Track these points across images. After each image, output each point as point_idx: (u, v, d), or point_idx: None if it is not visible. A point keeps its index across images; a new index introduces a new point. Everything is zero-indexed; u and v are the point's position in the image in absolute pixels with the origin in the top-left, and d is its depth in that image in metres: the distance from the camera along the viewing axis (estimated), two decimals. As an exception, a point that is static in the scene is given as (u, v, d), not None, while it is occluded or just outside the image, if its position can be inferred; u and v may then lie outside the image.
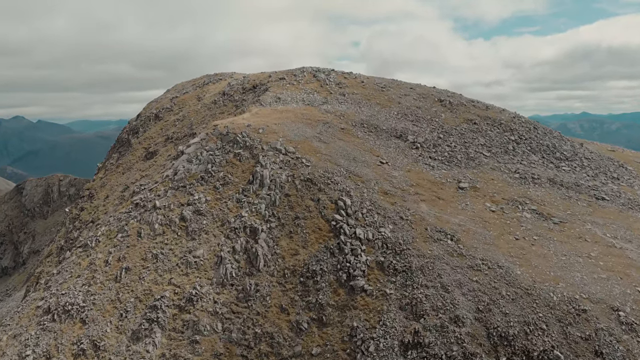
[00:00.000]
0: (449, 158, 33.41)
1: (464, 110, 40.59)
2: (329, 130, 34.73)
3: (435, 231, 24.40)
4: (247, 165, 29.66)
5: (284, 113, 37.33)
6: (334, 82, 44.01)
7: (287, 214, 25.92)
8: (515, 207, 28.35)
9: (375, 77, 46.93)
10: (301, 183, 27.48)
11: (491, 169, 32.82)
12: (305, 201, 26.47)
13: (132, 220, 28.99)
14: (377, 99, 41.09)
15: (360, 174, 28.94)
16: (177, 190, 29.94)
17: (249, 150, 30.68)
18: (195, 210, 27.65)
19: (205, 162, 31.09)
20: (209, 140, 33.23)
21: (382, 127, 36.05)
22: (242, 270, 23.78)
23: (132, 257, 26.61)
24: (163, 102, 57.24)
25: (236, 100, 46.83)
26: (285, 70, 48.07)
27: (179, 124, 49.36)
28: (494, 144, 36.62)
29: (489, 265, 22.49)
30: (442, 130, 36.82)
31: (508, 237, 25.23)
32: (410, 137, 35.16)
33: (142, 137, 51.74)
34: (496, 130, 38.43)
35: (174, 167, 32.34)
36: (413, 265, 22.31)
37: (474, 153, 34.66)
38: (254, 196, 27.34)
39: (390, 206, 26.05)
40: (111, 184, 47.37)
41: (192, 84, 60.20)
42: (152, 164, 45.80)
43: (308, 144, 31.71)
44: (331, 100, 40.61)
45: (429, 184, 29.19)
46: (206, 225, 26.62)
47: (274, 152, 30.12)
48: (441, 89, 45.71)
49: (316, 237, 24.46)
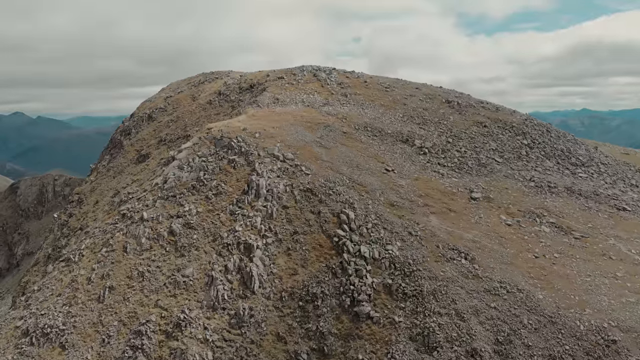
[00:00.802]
0: (459, 165, 31.19)
1: (473, 112, 38.34)
2: (331, 134, 32.50)
3: (448, 249, 22.24)
4: (242, 173, 27.46)
5: (283, 115, 35.08)
6: (335, 81, 41.71)
7: (284, 228, 23.75)
8: (533, 220, 26.18)
9: (379, 77, 44.63)
10: (300, 193, 25.30)
11: (504, 177, 30.61)
12: (304, 214, 24.30)
13: (118, 233, 26.82)
14: (381, 100, 38.82)
15: (365, 183, 26.74)
16: (166, 200, 27.75)
17: (245, 156, 28.47)
18: (185, 223, 25.47)
19: (197, 169, 28.89)
20: (202, 145, 31.01)
21: (387, 131, 33.81)
22: (235, 292, 21.63)
23: (116, 274, 24.46)
24: (157, 102, 54.92)
25: (232, 101, 44.55)
26: (284, 69, 45.74)
27: (173, 125, 47.09)
28: (506, 148, 34.40)
29: (508, 289, 20.35)
30: (450, 134, 34.58)
31: (527, 255, 23.08)
32: (417, 142, 32.92)
33: (135, 139, 49.48)
34: (508, 134, 36.19)
35: (164, 174, 30.14)
36: (424, 288, 20.16)
37: (486, 159, 32.44)
38: (249, 208, 25.16)
39: (397, 220, 23.87)
40: (101, 189, 45.15)
41: (187, 83, 57.81)
42: (144, 167, 43.59)
43: (308, 150, 29.49)
44: (332, 101, 38.35)
45: (439, 194, 27.00)
46: (197, 240, 24.45)
47: (271, 158, 27.92)
48: (448, 89, 43.42)
49: (317, 255, 22.30)
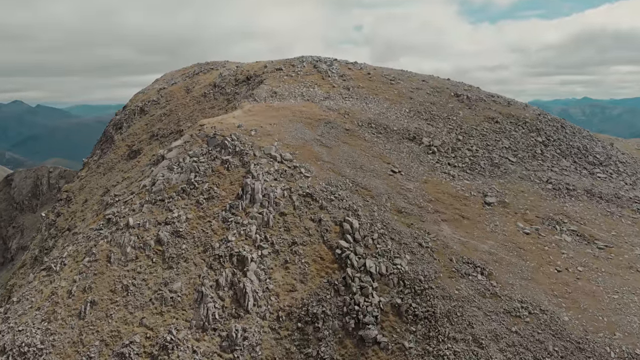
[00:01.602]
0: (470, 165, 28.97)
1: (483, 107, 36.00)
2: (332, 131, 30.23)
3: (462, 262, 20.16)
4: (237, 176, 25.27)
5: (281, 110, 32.76)
6: (336, 73, 39.27)
7: (282, 238, 21.64)
8: (552, 228, 24.07)
9: (383, 68, 42.16)
10: (299, 199, 23.14)
11: (519, 178, 28.42)
12: (304, 222, 22.17)
13: (102, 240, 24.72)
14: (386, 94, 36.45)
15: (369, 187, 24.57)
16: (154, 204, 25.59)
17: (239, 156, 26.25)
18: (174, 231, 23.35)
19: (187, 170, 26.69)
20: (194, 144, 28.77)
21: (393, 128, 31.52)
22: (227, 310, 19.60)
23: (99, 287, 22.42)
24: (150, 94, 52.47)
25: (228, 94, 42.16)
26: (282, 60, 43.24)
27: (165, 119, 44.76)
28: (520, 146, 32.14)
29: (530, 310, 18.31)
30: (460, 131, 32.30)
31: (548, 268, 21.01)
32: (425, 140, 30.65)
33: (126, 134, 47.19)
34: (521, 131, 33.91)
35: (153, 175, 27.95)
36: (437, 310, 18.11)
37: (499, 158, 30.21)
38: (243, 214, 23.02)
39: (406, 229, 21.74)
40: (90, 187, 43.01)
41: (181, 74, 55.29)
42: (135, 164, 41.42)
43: (308, 149, 27.27)
44: (334, 95, 35.97)
45: (450, 199, 24.84)
46: (186, 250, 22.35)
47: (267, 159, 25.71)
48: (456, 82, 40.99)
49: (317, 269, 20.23)
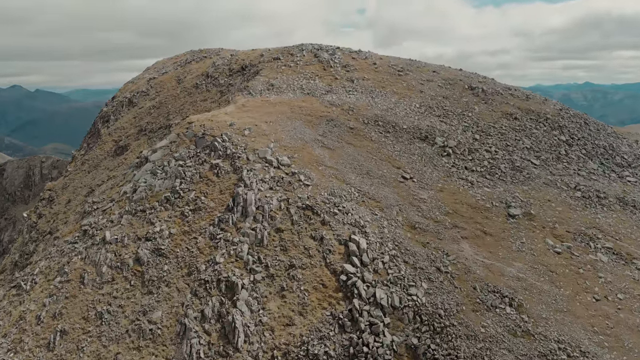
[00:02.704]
0: (489, 169, 25.95)
1: (500, 101, 32.82)
2: (335, 130, 27.14)
3: (488, 291, 17.33)
4: (227, 183, 22.29)
5: (278, 106, 29.61)
6: (339, 63, 35.96)
7: (278, 259, 18.77)
8: (586, 245, 21.19)
9: (390, 57, 38.78)
10: (298, 212, 20.20)
11: (545, 185, 25.43)
12: (303, 240, 19.27)
13: (76, 257, 21.89)
14: (394, 87, 33.22)
15: (378, 197, 21.62)
16: (134, 215, 22.69)
17: (230, 160, 23.24)
18: (155, 248, 20.49)
19: (172, 176, 23.71)
20: (180, 144, 25.73)
21: (402, 126, 28.40)
22: (213, 348, 16.84)
23: (70, 314, 19.66)
24: (139, 84, 49.12)
25: (221, 85, 38.89)
26: (280, 48, 39.83)
27: (155, 112, 41.55)
28: (542, 147, 29.08)
29: (569, 352, 15.55)
30: (477, 129, 29.19)
31: (585, 296, 18.20)
32: (438, 140, 27.56)
33: (113, 127, 44.02)
34: (542, 128, 30.80)
35: (135, 179, 24.99)
36: (461, 353, 15.34)
37: (520, 161, 27.18)
38: (233, 230, 20.11)
39: (421, 249, 18.86)
40: (74, 185, 40.04)
41: (173, 62, 51.85)
42: (122, 161, 38.39)
43: (308, 152, 24.24)
44: (337, 88, 32.74)
45: (470, 211, 21.91)
46: (168, 272, 19.51)
47: (262, 164, 22.70)
48: (470, 72, 37.70)
49: (318, 299, 17.41)
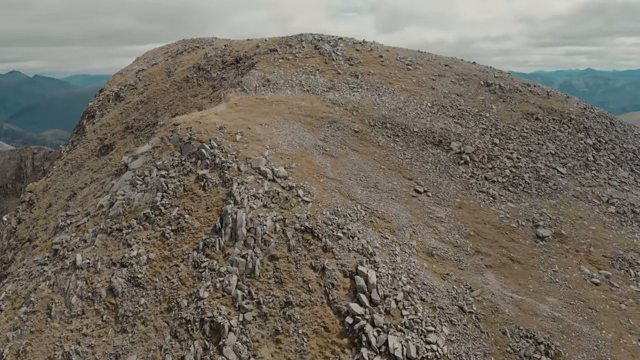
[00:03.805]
0: (512, 179, 23.07)
1: (520, 99, 29.79)
2: (338, 134, 24.20)
3: (520, 336, 14.62)
4: (215, 199, 19.45)
5: (274, 105, 26.60)
6: (342, 56, 32.79)
7: (272, 294, 16.02)
8: (626, 273, 18.43)
9: (398, 49, 35.57)
10: (296, 235, 17.40)
11: (574, 198, 22.57)
12: (302, 270, 16.51)
13: (44, 283, 19.18)
14: (403, 82, 30.13)
15: (388, 216, 18.78)
16: (109, 235, 19.90)
17: (219, 171, 20.37)
18: (132, 277, 17.74)
19: (154, 188, 20.85)
20: (164, 150, 22.82)
21: (413, 128, 25.43)
22: (195, 405, 14.23)
23: (35, 352, 16.99)
24: (127, 76, 45.90)
25: (213, 79, 35.77)
26: (277, 39, 36.60)
27: (142, 108, 38.49)
28: (568, 152, 26.16)
29: (623, 417, 12.90)
30: (496, 132, 26.23)
31: (630, 339, 15.51)
32: (454, 145, 24.62)
33: (98, 124, 40.97)
34: (567, 130, 27.84)
35: (113, 190, 22.16)
36: (492, 421, 12.69)
37: (545, 169, 24.28)
38: (220, 257, 17.33)
39: (440, 283, 16.10)
40: (56, 187, 37.21)
41: (164, 52, 48.52)
42: (106, 162, 35.50)
43: (307, 161, 21.34)
44: (339, 84, 29.67)
45: (494, 232, 19.10)
46: (144, 307, 16.80)
47: (255, 176, 19.83)
48: (484, 66, 34.57)
49: (320, 346, 14.71)
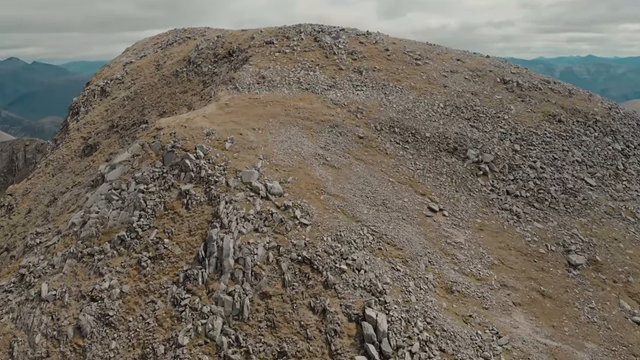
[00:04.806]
0: (537, 193, 20.47)
1: (540, 99, 27.05)
2: (340, 140, 21.54)
3: (560, 399, 12.21)
4: (199, 219, 16.91)
5: (269, 107, 23.88)
6: (345, 49, 29.90)
7: (264, 342, 13.56)
8: (675, 308, 15.99)
9: (405, 41, 32.64)
10: (292, 267, 14.89)
11: (607, 215, 20.01)
12: (299, 312, 14.02)
13: (7, 315, 16.77)
14: (412, 80, 27.33)
15: (400, 241, 16.25)
16: (79, 261, 17.41)
17: (205, 186, 17.80)
18: (102, 314, 15.29)
19: (131, 205, 18.30)
20: (145, 159, 20.20)
21: (425, 133, 22.77)
22: None
23: (-13, 401, 14.72)
24: (115, 69, 42.98)
25: (204, 74, 32.93)
26: (274, 29, 33.62)
27: (128, 105, 35.72)
28: (596, 160, 23.53)
29: None
30: (516, 137, 23.55)
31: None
32: (471, 153, 21.96)
33: (82, 122, 38.22)
34: (593, 134, 25.17)
35: (86, 206, 19.60)
36: None
37: (573, 180, 21.67)
38: (203, 293, 14.84)
39: (462, 328, 13.63)
40: (36, 191, 34.64)
41: (154, 43, 45.48)
42: (89, 164, 32.90)
43: (306, 173, 18.73)
44: (342, 81, 26.88)
45: (521, 260, 16.59)
46: (115, 352, 14.36)
47: (246, 192, 17.25)
48: (499, 61, 31.69)
49: (320, 408, 12.31)
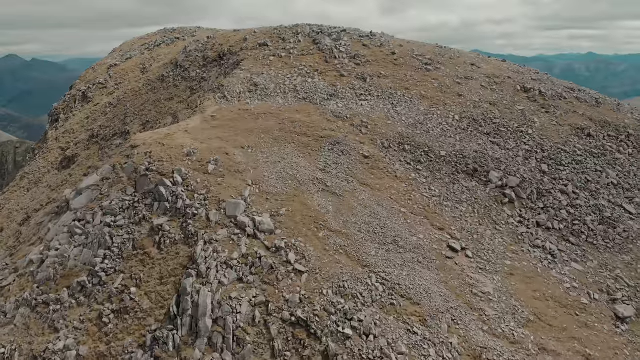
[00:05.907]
0: (572, 225, 17.60)
1: (566, 109, 24.16)
2: (342, 161, 18.64)
3: None
4: (173, 263, 14.04)
5: (262, 119, 20.97)
6: (347, 53, 26.96)
7: None
8: None
9: (413, 43, 29.66)
10: (284, 331, 12.03)
11: (655, 250, 17.16)
12: (292, 388, 11.18)
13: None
14: (422, 87, 24.42)
15: (416, 294, 13.38)
16: (33, 310, 14.56)
17: (182, 220, 14.94)
18: (50, 386, 12.47)
19: (95, 242, 15.44)
20: (115, 184, 17.32)
21: (439, 152, 19.86)
22: None
23: None
24: (98, 72, 39.99)
25: (192, 79, 29.99)
26: (268, 30, 30.66)
27: (110, 112, 32.78)
28: (633, 181, 20.63)
29: None
30: (543, 156, 20.65)
31: None
32: (493, 175, 19.05)
33: (62, 130, 35.31)
34: (627, 151, 22.28)
35: (47, 240, 16.72)
36: None
37: (610, 208, 18.79)
38: (176, 362, 11.99)
39: (497, 416, 10.80)
40: (10, 207, 31.75)
41: (141, 44, 42.51)
42: (66, 178, 30.02)
43: (302, 203, 15.86)
44: (344, 89, 23.96)
45: (560, 314, 13.72)
46: None
47: (230, 229, 14.39)
48: (518, 66, 28.75)
49: None
